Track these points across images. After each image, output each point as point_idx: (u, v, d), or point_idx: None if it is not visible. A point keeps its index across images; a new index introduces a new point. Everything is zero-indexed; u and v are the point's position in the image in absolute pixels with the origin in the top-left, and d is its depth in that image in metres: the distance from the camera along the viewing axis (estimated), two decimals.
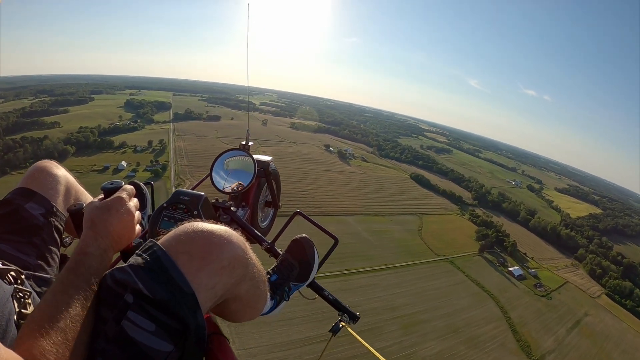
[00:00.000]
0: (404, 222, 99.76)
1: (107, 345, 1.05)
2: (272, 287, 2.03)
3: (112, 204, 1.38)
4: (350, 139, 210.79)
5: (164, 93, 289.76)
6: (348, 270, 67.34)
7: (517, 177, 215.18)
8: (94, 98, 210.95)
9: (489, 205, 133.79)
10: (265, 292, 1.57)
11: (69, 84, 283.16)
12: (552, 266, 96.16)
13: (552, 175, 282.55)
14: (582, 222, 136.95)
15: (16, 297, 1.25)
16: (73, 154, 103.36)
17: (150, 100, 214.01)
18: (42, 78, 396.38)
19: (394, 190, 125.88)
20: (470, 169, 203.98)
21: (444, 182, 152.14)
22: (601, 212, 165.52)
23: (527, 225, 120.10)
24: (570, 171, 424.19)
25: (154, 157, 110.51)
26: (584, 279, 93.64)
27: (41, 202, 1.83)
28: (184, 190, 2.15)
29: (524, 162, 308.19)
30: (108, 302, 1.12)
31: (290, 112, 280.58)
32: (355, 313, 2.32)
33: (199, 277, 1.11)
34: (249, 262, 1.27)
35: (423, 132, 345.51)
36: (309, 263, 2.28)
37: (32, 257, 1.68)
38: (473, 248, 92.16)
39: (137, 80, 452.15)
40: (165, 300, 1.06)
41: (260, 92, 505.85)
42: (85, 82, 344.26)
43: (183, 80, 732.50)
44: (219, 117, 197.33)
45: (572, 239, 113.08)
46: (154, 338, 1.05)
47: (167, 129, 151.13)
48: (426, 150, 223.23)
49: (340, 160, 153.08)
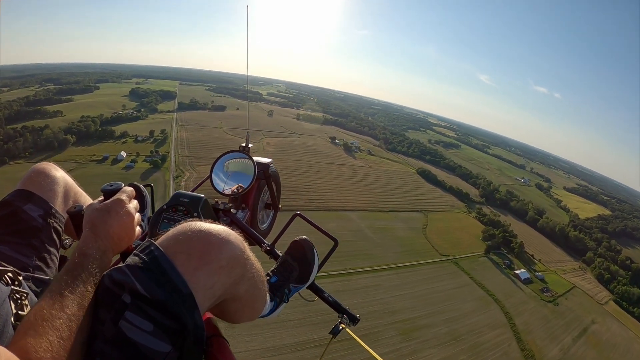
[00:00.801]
0: (408, 220, 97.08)
1: (105, 346, 1.05)
2: (271, 289, 2.07)
3: (112, 206, 1.40)
4: (357, 131, 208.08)
5: (171, 82, 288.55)
6: (348, 269, 64.95)
7: (525, 174, 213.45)
8: (99, 87, 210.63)
9: (496, 203, 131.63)
10: (264, 293, 1.58)
11: (75, 73, 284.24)
12: (560, 269, 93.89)
13: (561, 173, 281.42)
14: (590, 224, 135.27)
15: (13, 299, 1.26)
16: (73, 143, 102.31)
17: (155, 89, 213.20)
18: (50, 67, 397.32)
19: (400, 186, 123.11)
20: (479, 165, 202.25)
21: (451, 178, 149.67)
22: (610, 214, 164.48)
23: (535, 225, 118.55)
24: (579, 170, 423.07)
25: (154, 147, 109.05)
26: (591, 283, 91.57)
27: (40, 204, 1.85)
28: (183, 192, 2.18)
29: (532, 159, 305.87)
30: (106, 302, 1.12)
31: (298, 104, 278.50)
32: (355, 315, 2.34)
33: (197, 277, 1.11)
34: (247, 262, 1.27)
35: (432, 126, 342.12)
36: (309, 264, 2.31)
37: (30, 258, 1.70)
38: (479, 248, 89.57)
39: (144, 70, 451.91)
40: (162, 300, 1.06)
41: (269, 83, 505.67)
42: (93, 70, 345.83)
43: (191, 69, 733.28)
44: (224, 107, 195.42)
45: (581, 241, 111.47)
46: (151, 338, 1.05)
47: (170, 119, 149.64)
48: (434, 145, 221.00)
49: (345, 153, 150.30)
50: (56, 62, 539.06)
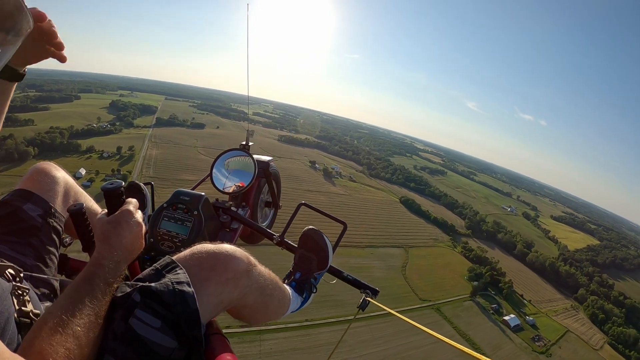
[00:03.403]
0: (387, 257, 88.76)
1: (115, 343, 1.12)
2: (299, 284, 2.23)
3: (121, 218, 1.44)
4: (340, 155, 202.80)
5: (156, 96, 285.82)
6: (309, 321, 55.77)
7: (512, 202, 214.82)
8: (80, 97, 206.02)
9: (483, 235, 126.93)
10: (277, 299, 1.74)
11: (61, 80, 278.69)
12: (552, 310, 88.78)
13: (547, 201, 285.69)
14: (580, 256, 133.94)
15: (15, 294, 1.28)
16: (34, 156, 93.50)
17: (137, 102, 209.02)
18: (39, 72, 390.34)
19: (380, 217, 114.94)
20: (465, 192, 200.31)
21: (436, 207, 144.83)
22: (598, 244, 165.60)
23: (524, 259, 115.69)
24: (564, 197, 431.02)
25: (118, 165, 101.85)
26: (585, 325, 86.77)
27: (39, 204, 1.85)
28: (184, 190, 2.25)
29: (518, 186, 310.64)
30: (117, 302, 1.22)
31: (282, 125, 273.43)
32: (376, 288, 2.39)
33: (208, 286, 1.27)
34: (252, 274, 1.41)
35: (418, 151, 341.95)
36: (324, 250, 2.38)
37: (29, 257, 1.71)
38: (464, 290, 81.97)
39: (133, 82, 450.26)
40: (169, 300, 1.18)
41: (257, 102, 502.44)
42: (81, 79, 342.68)
43: (180, 84, 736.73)
44: (203, 125, 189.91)
45: (572, 277, 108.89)
46: (159, 334, 1.14)
47: (144, 135, 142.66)
48: (419, 171, 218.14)
49: (325, 179, 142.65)
50: (44, 68, 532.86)
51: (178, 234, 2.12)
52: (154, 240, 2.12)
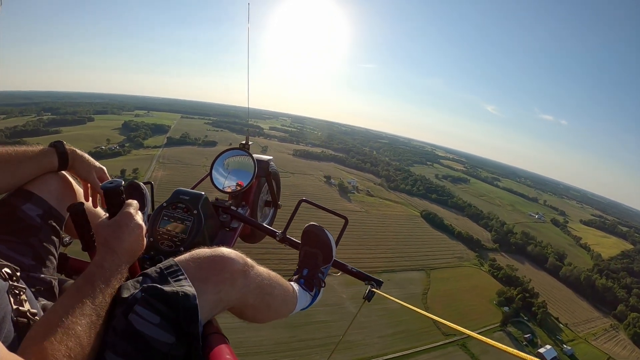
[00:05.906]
0: (406, 282, 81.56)
1: (115, 339, 1.13)
2: (307, 281, 2.29)
3: (122, 221, 1.45)
4: (358, 168, 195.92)
5: (172, 115, 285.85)
6: None
7: (539, 208, 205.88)
8: (94, 118, 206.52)
9: (512, 249, 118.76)
10: (280, 298, 1.79)
11: (79, 102, 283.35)
12: (590, 334, 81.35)
13: (574, 203, 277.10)
14: (616, 265, 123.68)
15: (12, 293, 1.28)
16: None
17: (150, 122, 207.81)
18: (59, 95, 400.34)
19: (399, 235, 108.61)
20: (490, 201, 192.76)
21: (460, 219, 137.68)
22: (632, 248, 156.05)
23: (557, 274, 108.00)
24: (590, 197, 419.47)
25: None
26: (626, 348, 79.61)
27: (38, 203, 1.85)
28: (183, 190, 2.29)
29: (544, 190, 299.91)
30: (118, 299, 1.24)
31: (299, 139, 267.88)
32: (379, 279, 2.46)
33: (206, 285, 1.31)
34: (249, 274, 1.46)
35: (439, 159, 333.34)
36: (327, 244, 2.43)
37: (27, 257, 1.72)
38: (494, 318, 74.85)
39: (151, 101, 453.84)
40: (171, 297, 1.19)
41: (274, 116, 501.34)
42: (100, 101, 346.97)
43: (198, 102, 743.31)
44: (215, 142, 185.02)
45: (609, 291, 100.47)
46: (158, 330, 1.15)
47: (153, 155, 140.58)
48: (441, 180, 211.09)
49: (340, 195, 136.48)
50: (65, 91, 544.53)
51: (178, 233, 2.12)
52: (153, 240, 2.10)
